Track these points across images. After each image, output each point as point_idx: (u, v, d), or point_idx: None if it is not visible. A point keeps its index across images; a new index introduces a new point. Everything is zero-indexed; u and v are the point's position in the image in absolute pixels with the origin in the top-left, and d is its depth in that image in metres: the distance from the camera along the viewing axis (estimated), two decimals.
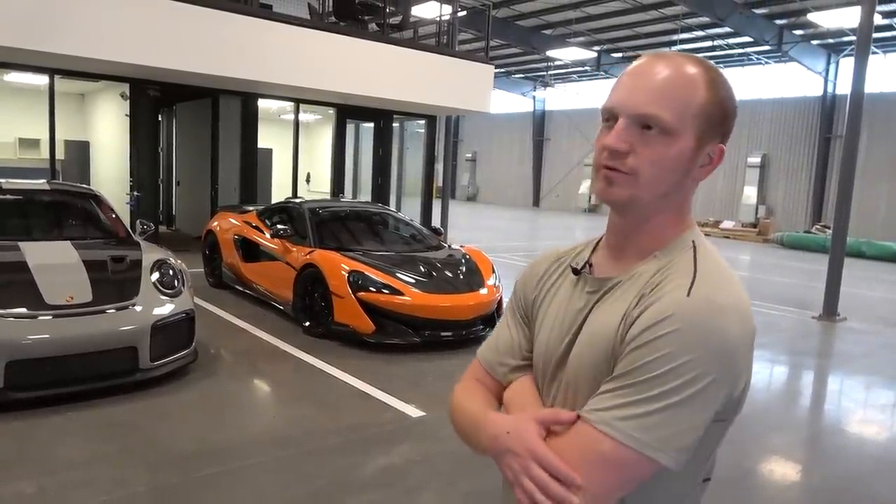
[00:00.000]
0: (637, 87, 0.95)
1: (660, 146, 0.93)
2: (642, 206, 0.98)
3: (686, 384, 0.84)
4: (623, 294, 0.98)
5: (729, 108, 0.97)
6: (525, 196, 32.95)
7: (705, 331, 0.86)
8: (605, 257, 1.07)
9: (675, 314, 0.87)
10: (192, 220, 12.33)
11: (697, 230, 1.03)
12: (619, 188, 0.96)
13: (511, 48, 23.46)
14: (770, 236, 19.77)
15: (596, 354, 0.96)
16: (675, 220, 1.02)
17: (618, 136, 0.94)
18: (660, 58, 0.97)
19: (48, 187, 5.88)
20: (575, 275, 1.09)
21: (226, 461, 3.54)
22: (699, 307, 0.88)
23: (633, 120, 0.94)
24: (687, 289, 0.90)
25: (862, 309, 9.17)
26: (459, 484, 3.43)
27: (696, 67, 0.95)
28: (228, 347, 5.64)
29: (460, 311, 5.82)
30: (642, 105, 0.93)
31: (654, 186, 0.95)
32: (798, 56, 20.47)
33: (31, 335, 3.94)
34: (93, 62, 8.60)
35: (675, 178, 0.96)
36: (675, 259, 0.97)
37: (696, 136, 0.95)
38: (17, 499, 3.04)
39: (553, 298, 1.12)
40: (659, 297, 0.91)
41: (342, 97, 11.60)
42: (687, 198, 1.02)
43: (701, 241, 1.01)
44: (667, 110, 0.92)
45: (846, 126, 8.22)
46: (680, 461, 0.86)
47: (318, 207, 7.11)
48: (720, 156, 0.98)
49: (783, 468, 4.10)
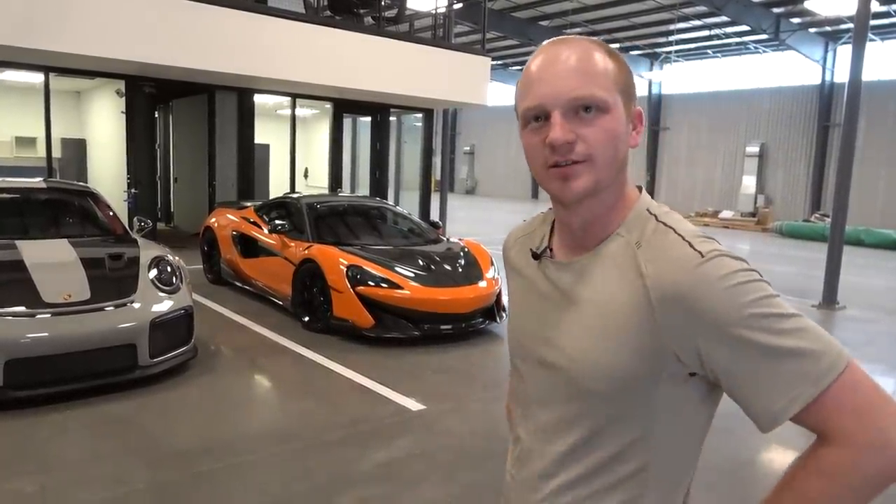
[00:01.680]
0: (558, 76, 0.93)
1: (602, 123, 0.93)
2: (603, 189, 0.97)
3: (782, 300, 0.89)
4: (601, 277, 0.97)
5: (631, 73, 0.99)
6: (524, 188, 32.92)
7: (740, 260, 0.90)
8: (565, 242, 1.06)
9: (723, 275, 0.88)
10: (190, 217, 12.31)
11: (644, 195, 1.03)
12: (579, 179, 0.94)
13: (507, 40, 23.39)
14: (769, 226, 19.77)
15: (597, 347, 0.95)
16: (627, 196, 1.01)
17: (562, 129, 0.92)
18: (557, 44, 0.97)
19: (45, 185, 5.87)
20: (535, 259, 1.09)
21: (226, 457, 3.54)
22: (719, 256, 0.90)
23: (568, 108, 0.92)
24: (695, 253, 0.91)
25: (862, 297, 9.17)
26: (459, 477, 3.44)
27: (592, 43, 0.97)
28: (228, 343, 5.65)
29: (459, 305, 5.82)
30: (574, 89, 0.92)
31: (610, 164, 0.95)
32: (796, 44, 20.41)
33: (30, 334, 3.94)
34: (88, 59, 8.56)
35: (623, 149, 0.97)
36: (643, 230, 0.97)
37: (622, 102, 0.95)
38: (17, 497, 3.05)
39: (519, 278, 1.13)
40: (685, 279, 0.89)
41: (339, 91, 11.56)
42: (626, 172, 1.02)
43: (654, 206, 1.01)
44: (595, 87, 0.92)
45: (844, 114, 8.20)
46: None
47: (315, 202, 7.10)
48: (641, 118, 1.00)
49: (782, 457, 4.10)
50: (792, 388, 0.84)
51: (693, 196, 25.38)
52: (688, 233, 0.94)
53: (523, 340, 1.09)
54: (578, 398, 0.98)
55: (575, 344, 0.98)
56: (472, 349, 5.74)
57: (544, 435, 1.03)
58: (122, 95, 10.65)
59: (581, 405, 0.98)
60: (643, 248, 0.94)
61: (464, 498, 3.26)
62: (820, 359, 0.84)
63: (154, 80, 10.35)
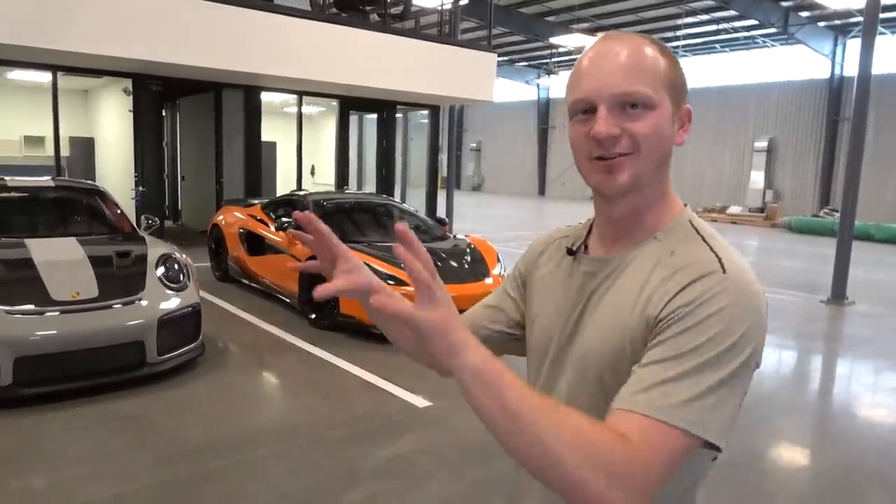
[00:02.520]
0: (606, 71, 0.94)
1: (648, 119, 0.94)
2: (645, 185, 0.98)
3: (744, 360, 0.85)
4: (630, 276, 0.97)
5: (682, 71, 1.00)
6: (531, 185, 32.86)
7: (749, 303, 0.87)
8: (601, 241, 1.06)
9: (723, 290, 0.86)
10: (197, 215, 12.36)
11: (690, 211, 1.03)
12: (622, 173, 0.95)
13: (514, 36, 23.32)
14: (777, 221, 19.66)
15: (610, 338, 0.95)
16: (668, 199, 1.02)
17: (607, 122, 0.93)
18: (610, 39, 0.98)
19: (53, 184, 5.90)
20: (570, 255, 1.09)
21: (234, 453, 3.55)
22: (738, 280, 0.88)
23: (614, 103, 0.94)
24: (719, 265, 0.89)
25: (870, 292, 9.11)
26: (467, 473, 3.44)
27: (644, 39, 0.97)
28: (235, 340, 5.67)
29: (466, 301, 5.68)
30: (620, 85, 0.93)
31: (653, 158, 0.96)
32: (804, 38, 20.26)
33: (39, 331, 3.97)
34: (95, 58, 8.60)
35: (667, 146, 0.97)
36: (680, 240, 0.97)
37: (670, 100, 0.96)
38: (27, 493, 3.07)
39: (550, 279, 1.12)
40: (695, 277, 0.89)
41: (345, 89, 11.56)
42: (669, 171, 1.02)
43: (695, 219, 1.01)
44: (643, 84, 0.93)
45: (853, 108, 8.14)
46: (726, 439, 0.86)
47: (322, 200, 7.11)
48: (689, 116, 1.00)
49: (792, 452, 4.09)
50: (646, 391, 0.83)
51: (701, 191, 25.26)
52: (722, 251, 0.93)
53: (547, 336, 1.08)
54: (591, 390, 0.98)
55: (587, 342, 0.99)
56: None
57: None
58: (129, 94, 10.70)
59: (595, 399, 0.97)
60: (675, 257, 0.95)
61: (471, 494, 3.26)
62: (688, 402, 0.81)
63: (161, 78, 10.39)
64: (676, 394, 0.82)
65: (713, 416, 0.82)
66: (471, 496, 3.24)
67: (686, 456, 0.83)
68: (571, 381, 1.02)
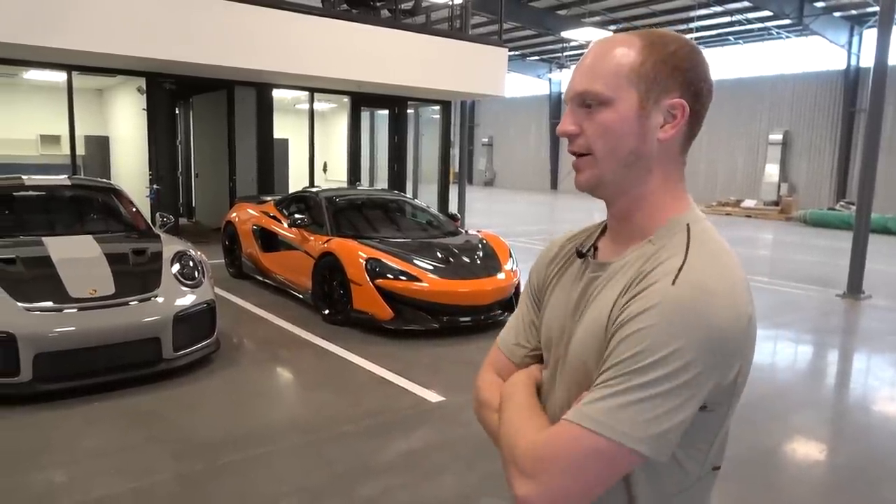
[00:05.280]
0: (575, 73, 1.00)
1: (600, 117, 0.96)
2: (611, 185, 0.98)
3: (672, 374, 0.83)
4: (618, 280, 0.97)
5: (675, 62, 0.95)
6: (543, 179, 32.74)
7: (691, 319, 0.84)
8: (608, 241, 1.07)
9: (660, 304, 0.86)
10: (211, 212, 12.44)
11: (696, 211, 1.01)
12: (583, 173, 1.00)
13: (525, 30, 23.20)
14: (793, 214, 19.45)
15: (588, 340, 0.97)
16: (665, 199, 0.99)
17: (565, 121, 0.99)
18: (596, 42, 1.01)
19: (69, 182, 5.98)
20: (579, 258, 1.10)
21: (249, 448, 3.59)
22: (683, 295, 0.86)
23: (575, 103, 0.99)
24: (673, 277, 0.88)
25: (887, 286, 9.01)
26: (479, 467, 3.45)
27: (631, 38, 0.98)
28: (249, 336, 5.71)
29: (478, 297, 5.82)
30: (578, 85, 0.98)
31: (611, 159, 0.97)
32: (820, 29, 19.99)
33: (58, 328, 4.02)
34: (109, 57, 8.68)
35: (629, 144, 0.96)
36: (667, 244, 0.95)
37: (637, 96, 0.95)
38: (47, 486, 3.13)
39: (559, 281, 1.13)
40: (646, 287, 0.89)
41: (356, 85, 11.58)
42: (667, 169, 0.99)
43: (697, 223, 0.98)
44: (597, 82, 0.96)
45: (870, 99, 8.03)
46: (664, 452, 0.85)
47: (334, 196, 7.14)
48: (683, 110, 0.96)
49: (807, 447, 4.07)
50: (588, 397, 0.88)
51: (715, 185, 25.03)
52: (695, 258, 0.91)
53: (548, 337, 1.11)
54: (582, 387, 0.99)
55: (578, 337, 1.00)
56: (491, 341, 5.62)
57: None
58: (143, 93, 10.78)
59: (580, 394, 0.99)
60: (649, 262, 0.95)
61: (484, 488, 3.27)
62: (596, 401, 0.86)
63: (174, 76, 10.46)
64: (591, 396, 0.87)
65: (621, 418, 0.83)
66: (484, 490, 3.26)
67: (603, 458, 0.84)
68: (567, 382, 1.03)
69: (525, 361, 1.16)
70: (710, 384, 0.86)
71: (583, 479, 0.86)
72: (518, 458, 0.92)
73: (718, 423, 0.95)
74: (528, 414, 1.00)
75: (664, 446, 0.85)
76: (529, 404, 1.02)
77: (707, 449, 0.97)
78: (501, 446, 0.99)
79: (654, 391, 0.83)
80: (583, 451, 0.85)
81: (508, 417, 1.00)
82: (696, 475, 0.97)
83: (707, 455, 0.97)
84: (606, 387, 0.86)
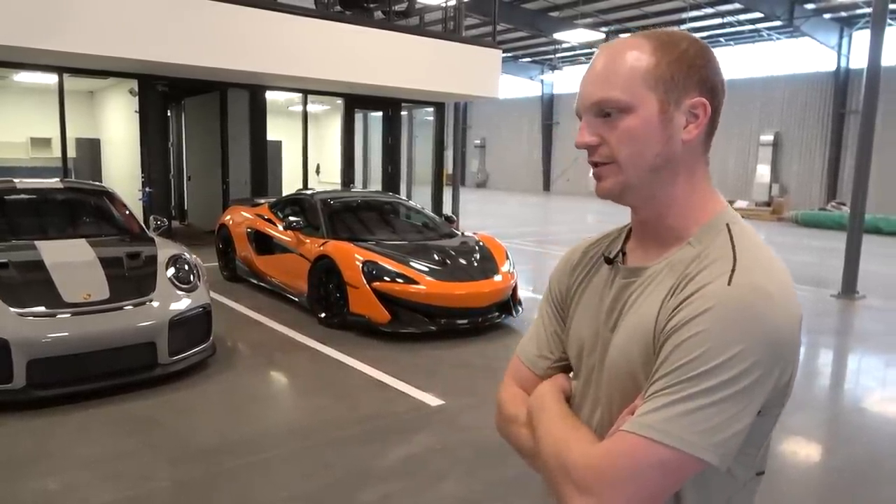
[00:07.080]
0: (586, 82, 0.98)
1: (623, 124, 0.94)
2: (639, 190, 0.97)
3: (735, 378, 0.82)
4: (660, 284, 0.95)
5: (689, 60, 0.94)
6: (535, 181, 32.79)
7: (751, 321, 0.83)
8: (637, 246, 1.05)
9: (717, 305, 0.84)
10: (204, 215, 12.38)
11: (731, 210, 1.00)
12: (606, 181, 0.97)
13: (518, 32, 23.24)
14: (784, 215, 19.57)
15: (630, 348, 0.94)
16: (695, 200, 0.98)
17: (582, 133, 0.97)
18: (603, 48, 0.99)
19: (62, 186, 5.91)
20: (608, 264, 1.07)
21: (246, 454, 3.55)
22: (742, 296, 0.85)
23: (592, 113, 0.96)
24: (728, 277, 0.86)
25: (881, 286, 9.06)
26: (481, 472, 3.43)
27: (639, 41, 0.96)
28: (245, 340, 5.67)
29: (475, 299, 5.80)
30: (592, 95, 0.96)
31: (637, 165, 0.95)
32: (810, 31, 20.13)
33: (51, 333, 3.97)
34: (101, 59, 8.61)
35: (654, 148, 0.95)
36: (710, 245, 0.94)
37: (657, 99, 0.93)
38: (41, 495, 3.08)
39: (586, 289, 1.10)
40: (699, 288, 0.87)
41: (350, 87, 11.55)
42: (692, 169, 0.98)
43: (736, 223, 0.98)
44: (614, 89, 0.94)
45: (863, 100, 8.07)
46: (727, 459, 0.84)
47: (329, 198, 7.11)
48: (705, 108, 0.96)
49: (804, 448, 4.07)
50: (646, 407, 0.85)
51: None
52: (745, 258, 0.90)
53: (582, 344, 1.08)
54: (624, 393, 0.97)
55: (619, 344, 0.98)
56: (489, 343, 5.73)
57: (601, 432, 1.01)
58: (135, 94, 10.72)
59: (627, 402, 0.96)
60: (694, 265, 0.93)
61: (486, 494, 3.25)
62: (651, 412, 0.84)
63: (166, 78, 10.40)
64: (648, 406, 0.85)
65: (684, 426, 0.81)
66: (486, 496, 3.23)
67: (667, 468, 0.82)
68: (603, 392, 1.01)
69: (548, 373, 1.13)
70: (769, 387, 0.85)
71: (647, 492, 0.84)
72: (573, 472, 0.88)
73: (769, 427, 0.94)
74: (570, 425, 0.97)
75: (728, 453, 0.84)
76: (566, 414, 0.99)
77: (755, 454, 0.95)
78: (545, 461, 0.95)
79: (716, 397, 0.82)
80: (647, 462, 0.83)
81: (547, 430, 0.97)
82: (742, 481, 0.96)
83: (755, 460, 0.96)
84: (664, 395, 0.84)
